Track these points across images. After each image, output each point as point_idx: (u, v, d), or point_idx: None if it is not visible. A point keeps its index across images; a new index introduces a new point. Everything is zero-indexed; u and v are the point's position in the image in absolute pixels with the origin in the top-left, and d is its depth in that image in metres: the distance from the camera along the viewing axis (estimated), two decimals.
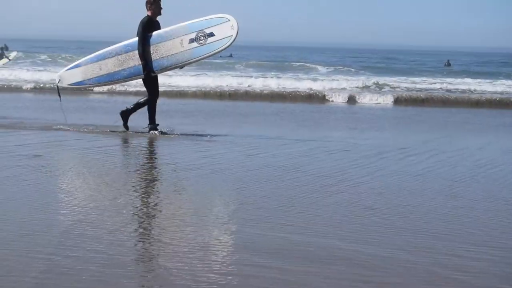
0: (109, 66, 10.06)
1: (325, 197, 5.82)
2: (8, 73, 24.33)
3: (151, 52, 9.76)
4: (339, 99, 19.57)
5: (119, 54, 10.01)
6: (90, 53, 10.33)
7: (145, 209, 5.32)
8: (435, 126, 13.29)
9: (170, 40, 9.77)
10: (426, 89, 23.10)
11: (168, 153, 8.59)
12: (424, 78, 28.61)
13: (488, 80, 26.48)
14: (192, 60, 9.93)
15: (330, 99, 19.66)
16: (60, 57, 39.78)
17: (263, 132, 10.83)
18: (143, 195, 5.89)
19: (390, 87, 23.49)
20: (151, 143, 9.33)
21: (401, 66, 43.45)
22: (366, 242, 4.47)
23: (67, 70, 10.47)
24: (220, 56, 51.03)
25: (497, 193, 6.31)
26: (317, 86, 22.28)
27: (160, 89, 10.36)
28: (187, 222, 4.92)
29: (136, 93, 17.45)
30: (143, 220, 5.02)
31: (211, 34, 9.65)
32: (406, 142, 9.97)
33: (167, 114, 12.68)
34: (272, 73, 30.53)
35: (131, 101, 10.83)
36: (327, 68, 36.50)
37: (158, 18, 9.97)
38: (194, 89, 20.90)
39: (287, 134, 10.59)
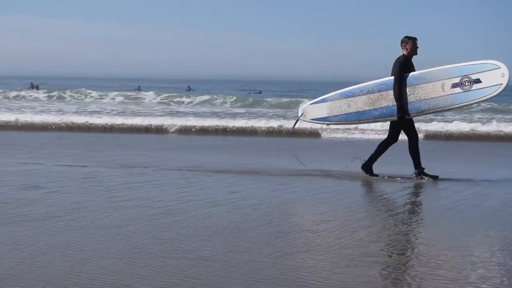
0: (359, 104, 9.40)
1: None
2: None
3: (408, 94, 9.09)
4: None
5: (371, 93, 9.33)
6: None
7: None
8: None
9: (430, 83, 9.02)
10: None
11: None
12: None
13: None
14: (454, 106, 9.11)
15: None
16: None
17: None
18: None
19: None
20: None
21: None
22: None
23: (311, 104, 9.89)
24: (249, 93, 50.56)
25: None
26: None
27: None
28: None
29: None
30: None
31: (477, 81, 8.82)
32: None
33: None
34: None
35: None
36: None
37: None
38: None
39: None
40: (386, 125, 9.86)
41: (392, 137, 9.28)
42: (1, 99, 35.77)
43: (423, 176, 9.04)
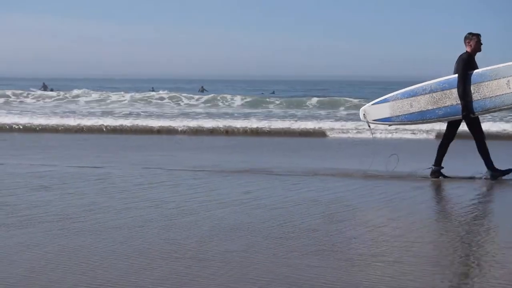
0: (422, 104, 9.23)
1: None
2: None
3: (472, 92, 8.89)
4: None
5: (434, 92, 9.15)
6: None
7: None
8: None
9: (494, 80, 8.83)
10: None
11: None
12: None
13: None
14: None
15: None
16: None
17: None
18: None
19: None
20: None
21: None
22: None
23: (373, 104, 9.72)
24: (262, 93, 49.95)
25: None
26: None
27: None
28: None
29: None
30: None
31: None
32: None
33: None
34: None
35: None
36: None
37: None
38: None
39: None
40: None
41: (475, 133, 9.06)
42: (14, 99, 35.97)
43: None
